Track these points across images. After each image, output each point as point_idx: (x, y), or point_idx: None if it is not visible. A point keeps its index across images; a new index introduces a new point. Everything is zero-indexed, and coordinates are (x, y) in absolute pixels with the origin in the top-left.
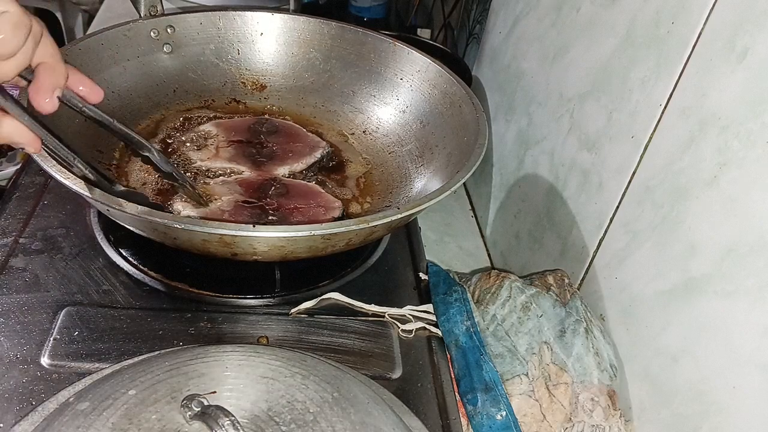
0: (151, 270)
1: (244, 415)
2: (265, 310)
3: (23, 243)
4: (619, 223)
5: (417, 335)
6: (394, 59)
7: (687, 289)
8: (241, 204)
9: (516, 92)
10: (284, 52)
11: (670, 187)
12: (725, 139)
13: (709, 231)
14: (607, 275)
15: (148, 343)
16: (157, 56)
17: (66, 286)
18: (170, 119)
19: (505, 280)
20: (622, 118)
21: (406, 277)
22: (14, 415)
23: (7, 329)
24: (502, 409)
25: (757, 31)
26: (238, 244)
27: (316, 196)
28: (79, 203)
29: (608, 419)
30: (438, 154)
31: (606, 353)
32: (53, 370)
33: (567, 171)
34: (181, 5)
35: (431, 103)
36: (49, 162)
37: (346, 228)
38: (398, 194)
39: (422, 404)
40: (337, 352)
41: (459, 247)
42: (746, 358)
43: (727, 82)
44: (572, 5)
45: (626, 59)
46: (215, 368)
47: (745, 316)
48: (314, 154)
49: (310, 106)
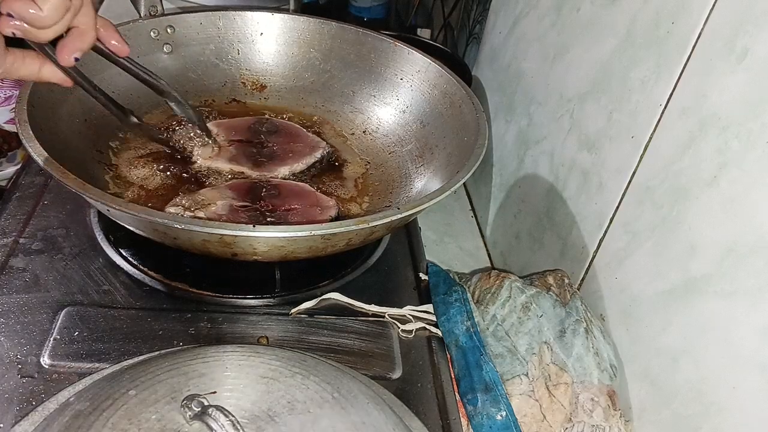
0: (151, 270)
1: (244, 415)
2: (265, 310)
3: (23, 243)
4: (619, 223)
5: (417, 335)
6: (394, 59)
7: (687, 289)
8: (236, 208)
9: (516, 92)
10: (284, 52)
11: (670, 187)
12: (725, 139)
13: (709, 231)
14: (607, 275)
15: (148, 343)
16: (157, 56)
17: (66, 286)
18: (170, 119)
19: (505, 280)
20: (622, 118)
21: (406, 277)
22: (14, 415)
23: (7, 329)
24: (502, 410)
25: (757, 31)
26: (238, 245)
27: (309, 195)
28: (79, 203)
29: (608, 419)
30: (438, 154)
31: (606, 353)
32: (53, 370)
33: (567, 171)
34: (181, 5)
35: (431, 103)
36: (49, 162)
37: (346, 228)
38: (398, 194)
39: (422, 404)
40: (337, 352)
41: (459, 247)
42: (746, 358)
43: (727, 82)
44: (572, 5)
45: (626, 59)
46: (215, 368)
47: (745, 316)
48: (314, 154)
49: (310, 107)
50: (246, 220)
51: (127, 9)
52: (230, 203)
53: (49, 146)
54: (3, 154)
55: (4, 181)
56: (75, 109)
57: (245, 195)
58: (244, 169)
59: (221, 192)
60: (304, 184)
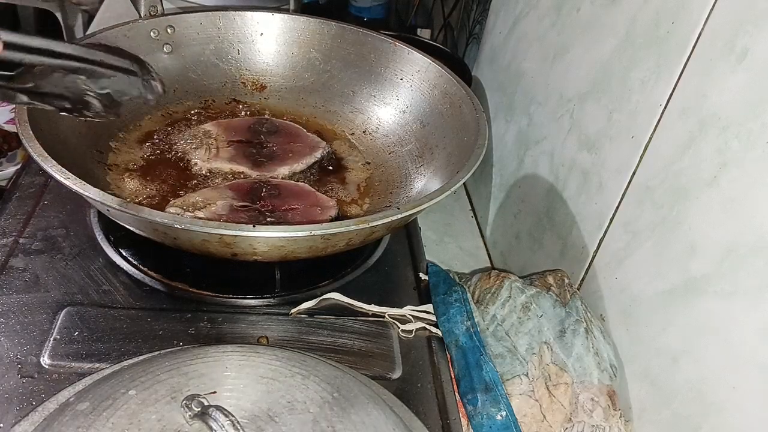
0: (151, 270)
1: (244, 415)
2: (265, 310)
3: (23, 243)
4: (619, 223)
5: (417, 335)
6: (394, 59)
7: (687, 289)
8: (236, 208)
9: (516, 92)
10: (284, 52)
11: (670, 187)
12: (725, 140)
13: (709, 231)
14: (607, 275)
15: (148, 343)
16: (157, 56)
17: (66, 286)
18: (170, 119)
19: (505, 280)
20: (622, 118)
21: (406, 277)
22: (14, 415)
23: (7, 329)
24: (502, 410)
25: (757, 32)
26: (238, 245)
27: (309, 195)
28: (79, 203)
29: (608, 419)
30: (438, 154)
31: (606, 353)
32: (53, 370)
33: (567, 171)
34: (181, 5)
35: (431, 103)
36: (49, 162)
37: (346, 228)
38: (398, 194)
39: (422, 404)
40: (337, 352)
41: (459, 247)
42: (746, 358)
43: (727, 83)
44: (572, 5)
45: (626, 59)
46: (215, 368)
47: (745, 316)
48: (314, 154)
49: (310, 107)
50: (246, 220)
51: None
52: (230, 203)
53: (49, 146)
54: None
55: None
56: None
57: (245, 195)
58: (244, 169)
59: (221, 192)
60: (304, 184)
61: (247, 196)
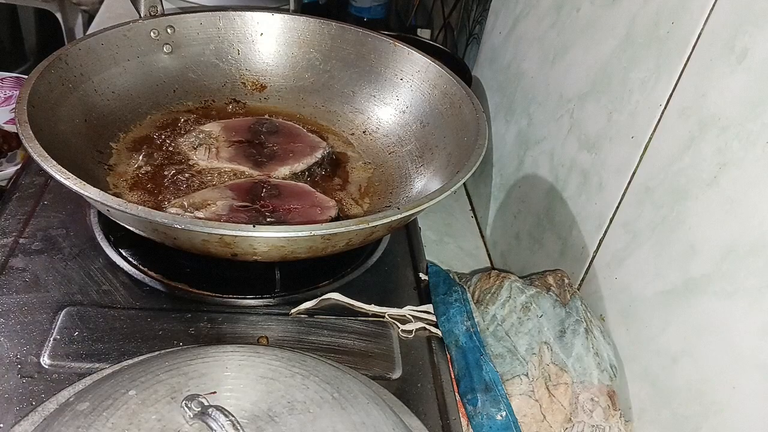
0: (151, 270)
1: (244, 415)
2: (265, 310)
3: (23, 243)
4: (619, 223)
5: (417, 335)
6: (394, 59)
7: (687, 289)
8: (236, 208)
9: (516, 92)
10: (284, 52)
11: (670, 187)
12: (725, 140)
13: (709, 231)
14: (607, 275)
15: (148, 343)
16: (157, 56)
17: (66, 286)
18: (170, 119)
19: (505, 280)
20: (622, 119)
21: (406, 277)
22: (14, 415)
23: (7, 329)
24: (502, 410)
25: (757, 32)
26: (238, 245)
27: (309, 196)
28: (79, 203)
29: (608, 419)
30: (438, 154)
31: (606, 353)
32: (53, 370)
33: (567, 171)
34: (181, 5)
35: (431, 103)
36: (49, 162)
37: (346, 228)
38: (398, 194)
39: (422, 404)
40: (337, 353)
41: (459, 247)
42: (746, 358)
43: (727, 83)
44: (572, 6)
45: (626, 59)
46: (215, 368)
47: (745, 316)
48: (315, 154)
49: (310, 107)
50: (246, 220)
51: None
52: (230, 203)
53: (49, 146)
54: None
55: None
56: (75, 109)
57: (245, 195)
58: (244, 169)
59: (221, 192)
60: (304, 185)
61: (247, 196)
